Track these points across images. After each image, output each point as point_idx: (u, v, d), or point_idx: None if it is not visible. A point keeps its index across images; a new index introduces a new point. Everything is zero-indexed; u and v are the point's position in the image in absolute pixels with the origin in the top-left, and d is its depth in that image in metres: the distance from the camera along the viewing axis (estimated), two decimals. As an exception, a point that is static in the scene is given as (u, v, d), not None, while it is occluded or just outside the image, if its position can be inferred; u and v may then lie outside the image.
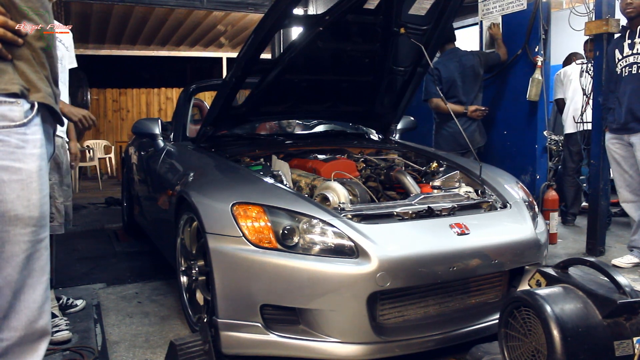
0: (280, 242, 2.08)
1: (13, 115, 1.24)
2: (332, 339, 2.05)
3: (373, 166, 3.06)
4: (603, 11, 3.71)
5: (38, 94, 1.30)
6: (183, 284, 2.65)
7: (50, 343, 2.45)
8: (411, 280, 2.11)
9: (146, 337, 2.58)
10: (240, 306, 2.12)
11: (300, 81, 3.10)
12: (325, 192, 2.41)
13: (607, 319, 1.67)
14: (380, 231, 2.14)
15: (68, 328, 2.56)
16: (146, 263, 3.91)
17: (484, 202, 2.55)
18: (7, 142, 1.23)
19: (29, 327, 1.31)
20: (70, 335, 2.53)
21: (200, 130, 3.16)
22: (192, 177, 2.62)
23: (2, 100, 1.22)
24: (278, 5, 2.45)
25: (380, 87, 3.33)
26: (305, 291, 2.04)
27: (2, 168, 1.22)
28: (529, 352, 1.72)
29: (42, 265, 1.32)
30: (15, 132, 1.24)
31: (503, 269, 2.35)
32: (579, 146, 4.86)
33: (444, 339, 2.17)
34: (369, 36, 3.00)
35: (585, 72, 4.45)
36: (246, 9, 7.47)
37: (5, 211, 1.24)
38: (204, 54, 11.50)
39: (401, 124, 3.74)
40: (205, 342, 2.06)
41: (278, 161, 2.87)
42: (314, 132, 4.03)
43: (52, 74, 1.37)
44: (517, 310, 1.78)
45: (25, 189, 1.26)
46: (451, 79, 4.30)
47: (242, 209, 2.15)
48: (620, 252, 3.91)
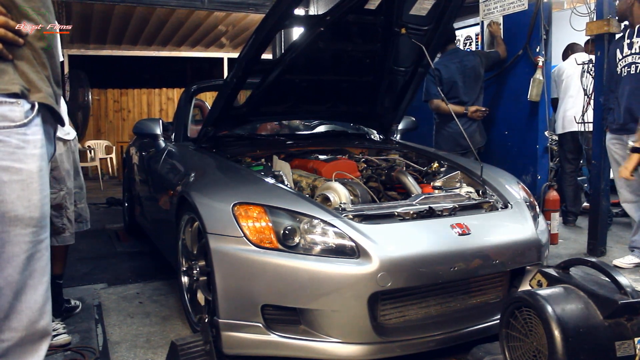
0: (281, 242, 2.08)
1: (13, 116, 1.24)
2: (333, 339, 2.05)
3: (374, 166, 3.06)
4: (604, 11, 3.71)
5: (39, 94, 1.30)
6: (184, 284, 2.65)
7: (51, 348, 2.46)
8: (412, 281, 2.11)
9: (147, 337, 2.59)
10: (241, 306, 2.12)
11: (301, 81, 3.10)
12: (326, 192, 2.41)
13: (608, 319, 1.67)
14: (381, 231, 2.14)
15: (66, 331, 2.56)
16: (147, 263, 3.91)
17: (485, 203, 2.55)
18: (7, 142, 1.23)
19: (30, 327, 1.30)
20: (70, 338, 2.53)
21: (201, 131, 3.17)
22: (193, 178, 2.62)
23: (2, 101, 1.22)
24: (279, 6, 2.46)
25: (381, 88, 3.33)
26: (306, 291, 2.04)
27: (2, 168, 1.22)
28: (530, 352, 1.72)
29: (42, 266, 1.32)
30: (15, 133, 1.24)
31: (504, 269, 2.35)
32: (572, 146, 4.85)
33: (445, 339, 2.17)
34: (369, 36, 3.00)
35: (586, 72, 4.44)
36: (247, 10, 7.47)
37: (5, 212, 1.23)
38: (205, 54, 11.50)
39: (402, 125, 3.74)
40: (206, 342, 2.06)
41: (279, 161, 2.87)
42: (315, 133, 4.03)
43: (53, 74, 1.37)
44: (518, 310, 1.78)
45: (25, 189, 1.26)
46: (452, 79, 4.30)
47: (243, 209, 2.16)
48: (622, 252, 3.91)
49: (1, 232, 1.23)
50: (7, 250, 1.24)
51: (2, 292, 1.25)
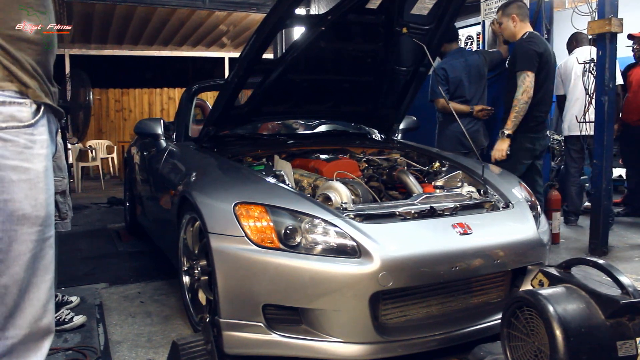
0: (282, 242, 2.08)
1: (22, 116, 1.26)
2: (334, 339, 2.05)
3: (375, 166, 3.06)
4: (606, 11, 3.70)
5: (41, 95, 1.31)
6: (185, 283, 2.65)
7: (68, 331, 2.56)
8: (413, 280, 2.11)
9: (148, 336, 2.59)
10: (242, 306, 2.12)
11: (302, 81, 3.10)
12: (327, 191, 2.41)
13: (610, 319, 1.66)
14: (382, 231, 2.14)
15: (74, 314, 2.67)
16: (148, 263, 3.91)
17: (487, 202, 2.54)
18: (16, 142, 1.24)
19: (34, 325, 1.32)
20: (84, 318, 2.66)
21: (202, 130, 3.17)
22: (195, 177, 2.62)
23: (12, 101, 1.24)
24: (280, 5, 2.45)
25: (382, 87, 3.33)
26: (308, 291, 2.04)
27: (11, 168, 1.24)
28: (531, 352, 1.72)
29: (46, 264, 1.33)
30: (23, 133, 1.26)
31: (505, 269, 2.34)
32: (578, 145, 4.83)
33: (447, 338, 2.17)
34: (371, 36, 2.99)
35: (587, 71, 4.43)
36: (248, 9, 7.48)
37: (13, 210, 1.25)
38: (206, 54, 11.51)
39: (403, 124, 3.74)
40: (207, 342, 2.06)
41: (280, 161, 2.87)
42: (316, 132, 4.03)
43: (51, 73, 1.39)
44: (519, 310, 1.77)
45: (33, 188, 1.28)
46: (458, 78, 4.29)
47: (244, 209, 2.16)
48: (623, 252, 3.91)
49: (9, 230, 1.25)
50: (14, 249, 1.26)
51: (8, 290, 1.27)
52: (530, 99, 3.64)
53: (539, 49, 3.67)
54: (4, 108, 1.23)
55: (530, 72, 3.63)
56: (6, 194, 1.24)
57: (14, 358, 1.31)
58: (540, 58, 3.66)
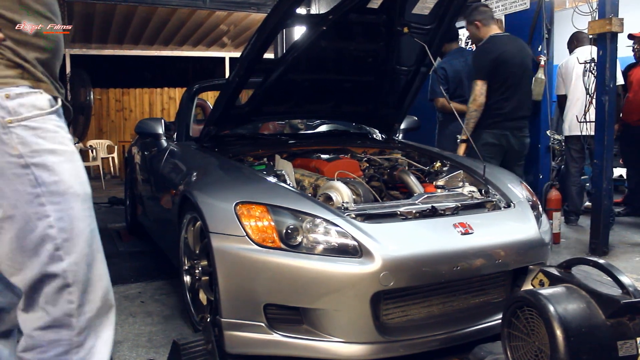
0: (283, 242, 2.08)
1: (42, 104, 1.30)
2: (335, 339, 2.05)
3: (376, 166, 3.06)
4: (606, 10, 3.70)
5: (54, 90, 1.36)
6: (186, 283, 2.65)
7: None
8: (415, 280, 2.11)
9: (149, 336, 2.59)
10: (243, 306, 2.12)
11: (303, 81, 3.10)
12: (328, 191, 2.41)
13: (611, 319, 1.67)
14: (383, 231, 2.14)
15: None
16: (149, 263, 3.91)
17: (488, 202, 2.54)
18: (45, 128, 1.29)
19: (103, 298, 1.40)
20: None
21: (203, 130, 3.17)
22: (195, 177, 2.62)
23: (28, 92, 1.28)
24: (281, 5, 2.45)
25: (383, 87, 3.33)
26: (309, 291, 2.04)
27: (49, 151, 1.29)
28: (531, 352, 1.72)
29: (99, 239, 1.42)
30: (48, 119, 1.31)
31: (507, 269, 2.34)
32: (579, 145, 4.83)
33: (448, 338, 2.17)
34: (372, 35, 2.99)
35: (588, 71, 4.43)
36: (249, 9, 7.47)
37: (65, 189, 1.30)
38: (207, 53, 11.51)
39: (404, 124, 3.74)
40: (208, 342, 2.06)
41: (281, 161, 2.87)
42: (317, 132, 4.03)
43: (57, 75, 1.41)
44: (520, 310, 1.78)
45: (74, 168, 1.34)
46: (458, 77, 4.29)
47: (245, 209, 2.16)
48: (624, 252, 3.91)
49: (68, 209, 1.31)
50: (75, 226, 1.32)
51: (79, 266, 1.33)
52: (481, 106, 3.68)
53: (493, 54, 3.68)
54: (24, 99, 1.27)
55: (480, 80, 3.69)
56: (54, 175, 1.29)
57: (92, 332, 1.37)
58: (494, 62, 3.66)
